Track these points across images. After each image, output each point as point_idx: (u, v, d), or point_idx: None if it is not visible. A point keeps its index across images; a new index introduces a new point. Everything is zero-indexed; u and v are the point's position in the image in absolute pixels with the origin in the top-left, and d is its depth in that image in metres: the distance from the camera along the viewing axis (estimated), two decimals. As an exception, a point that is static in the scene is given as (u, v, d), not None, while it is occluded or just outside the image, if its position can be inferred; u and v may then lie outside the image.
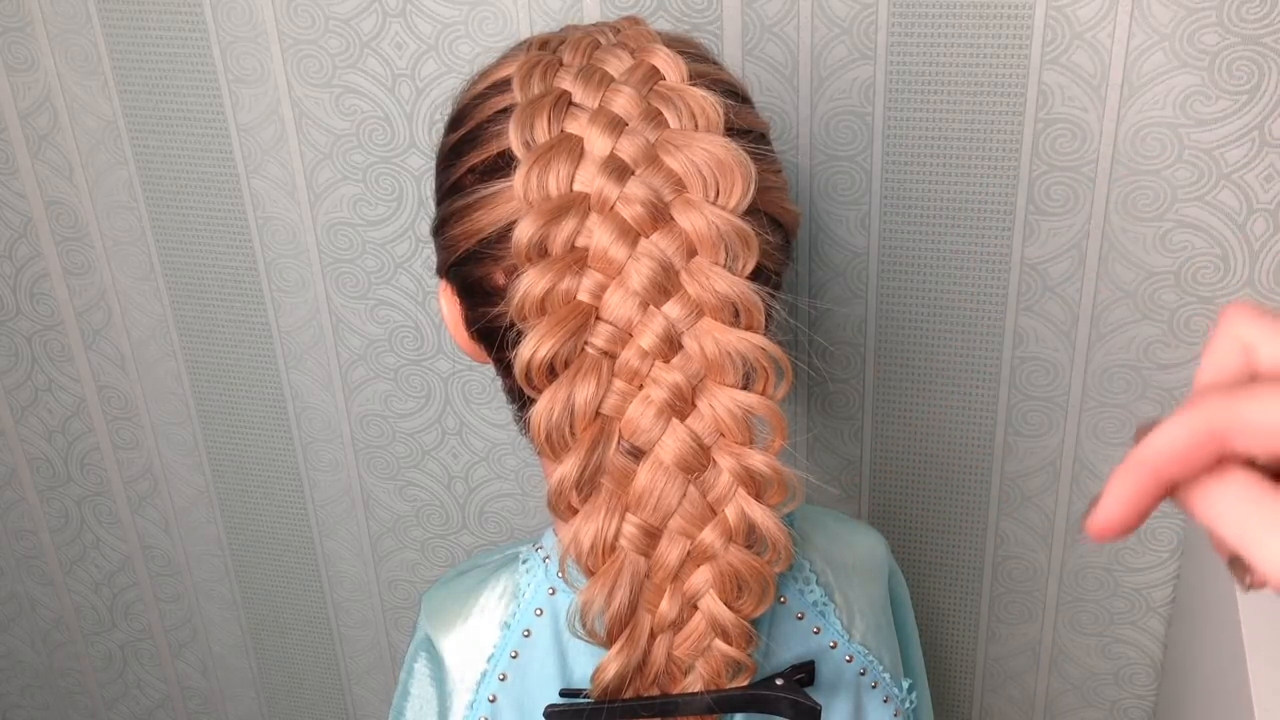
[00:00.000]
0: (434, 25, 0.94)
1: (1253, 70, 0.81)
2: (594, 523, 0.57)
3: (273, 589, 1.25)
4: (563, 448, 0.56)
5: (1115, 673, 1.06)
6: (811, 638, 0.70)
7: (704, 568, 0.58)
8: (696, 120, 0.55)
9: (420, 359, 1.08)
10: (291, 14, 0.96)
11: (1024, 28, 0.84)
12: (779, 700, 0.61)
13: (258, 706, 1.34)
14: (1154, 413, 0.94)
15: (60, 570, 1.32)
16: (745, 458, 0.56)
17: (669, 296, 0.55)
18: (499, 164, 0.58)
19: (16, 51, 1.04)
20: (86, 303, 1.15)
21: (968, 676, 1.10)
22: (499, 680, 0.69)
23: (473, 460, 1.12)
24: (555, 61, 0.58)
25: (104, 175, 1.08)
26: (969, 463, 1.00)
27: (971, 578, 1.05)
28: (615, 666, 0.59)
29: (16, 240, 1.13)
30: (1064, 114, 0.86)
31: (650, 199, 0.54)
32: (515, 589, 0.70)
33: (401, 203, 1.01)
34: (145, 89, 1.03)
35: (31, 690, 1.41)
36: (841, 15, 0.86)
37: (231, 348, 1.13)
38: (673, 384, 0.55)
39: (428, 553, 1.18)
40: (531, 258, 0.55)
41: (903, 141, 0.89)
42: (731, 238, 0.54)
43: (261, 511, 1.21)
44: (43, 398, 1.21)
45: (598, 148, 0.55)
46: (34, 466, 1.26)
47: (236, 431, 1.17)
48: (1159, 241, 0.88)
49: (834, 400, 1.00)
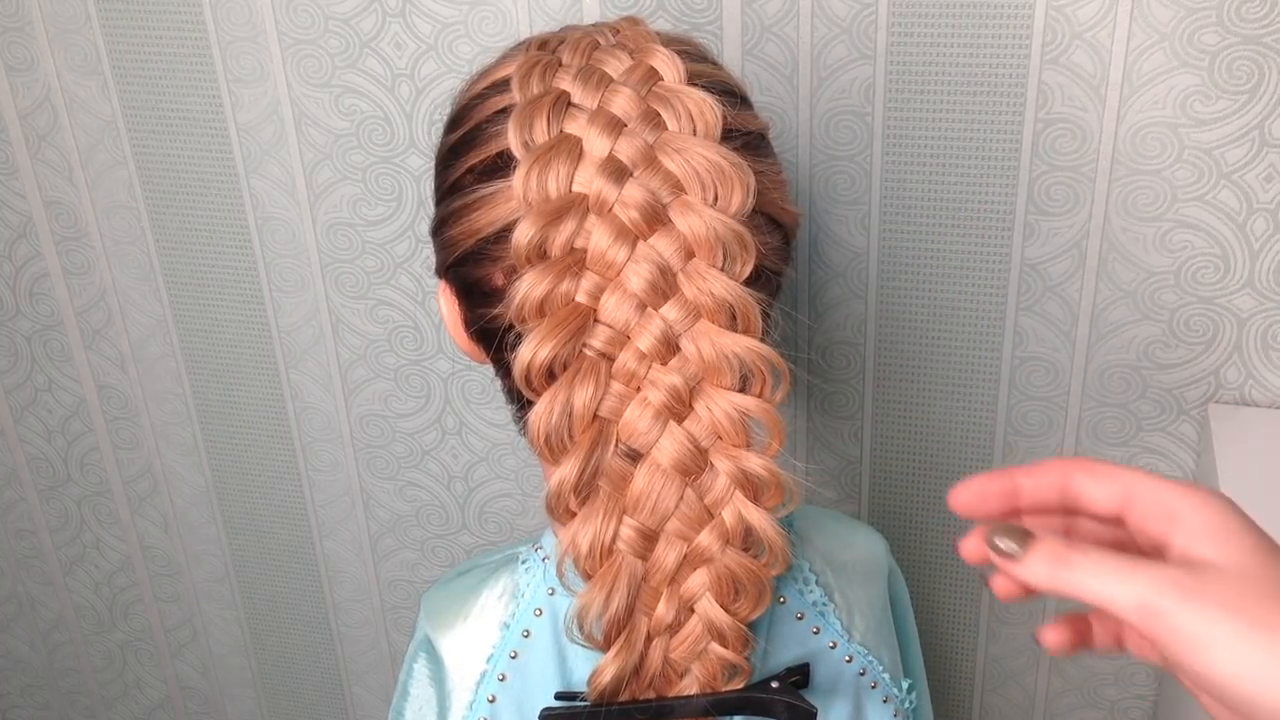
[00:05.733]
0: (433, 25, 0.94)
1: (1253, 70, 0.81)
2: (592, 525, 0.57)
3: (272, 589, 1.26)
4: (561, 450, 0.56)
5: (1115, 673, 1.06)
6: (811, 638, 0.70)
7: (701, 571, 0.58)
8: (695, 121, 0.55)
9: (420, 359, 1.08)
10: (291, 14, 0.96)
11: (1024, 27, 0.84)
12: (774, 703, 0.61)
13: (257, 706, 1.34)
14: (1153, 412, 0.94)
15: (60, 570, 1.32)
16: (742, 461, 0.56)
17: (667, 299, 0.55)
18: (498, 164, 0.58)
19: (16, 51, 1.04)
20: (86, 302, 1.15)
21: (968, 676, 1.10)
22: (498, 680, 0.69)
23: (472, 460, 1.12)
24: (554, 62, 0.58)
25: (103, 175, 1.08)
26: (969, 463, 1.00)
27: (971, 578, 1.05)
28: (612, 669, 0.59)
29: (16, 240, 1.13)
30: (1064, 114, 0.86)
31: (648, 201, 0.54)
32: (515, 590, 0.70)
33: (401, 203, 1.01)
34: (145, 89, 1.03)
35: (31, 690, 1.41)
36: (841, 15, 0.86)
37: (231, 347, 1.13)
38: (670, 386, 0.55)
39: (427, 553, 1.18)
40: (531, 259, 0.55)
41: (902, 141, 0.89)
42: (729, 241, 0.54)
43: (261, 511, 1.21)
44: (42, 398, 1.21)
45: (596, 148, 0.55)
46: (34, 466, 1.26)
47: (236, 431, 1.17)
48: (1159, 241, 0.88)
49: (834, 400, 1.00)
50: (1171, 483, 0.46)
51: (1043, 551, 0.45)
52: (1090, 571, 0.43)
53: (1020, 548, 0.45)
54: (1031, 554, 0.45)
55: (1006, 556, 0.45)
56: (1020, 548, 0.45)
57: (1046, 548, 0.45)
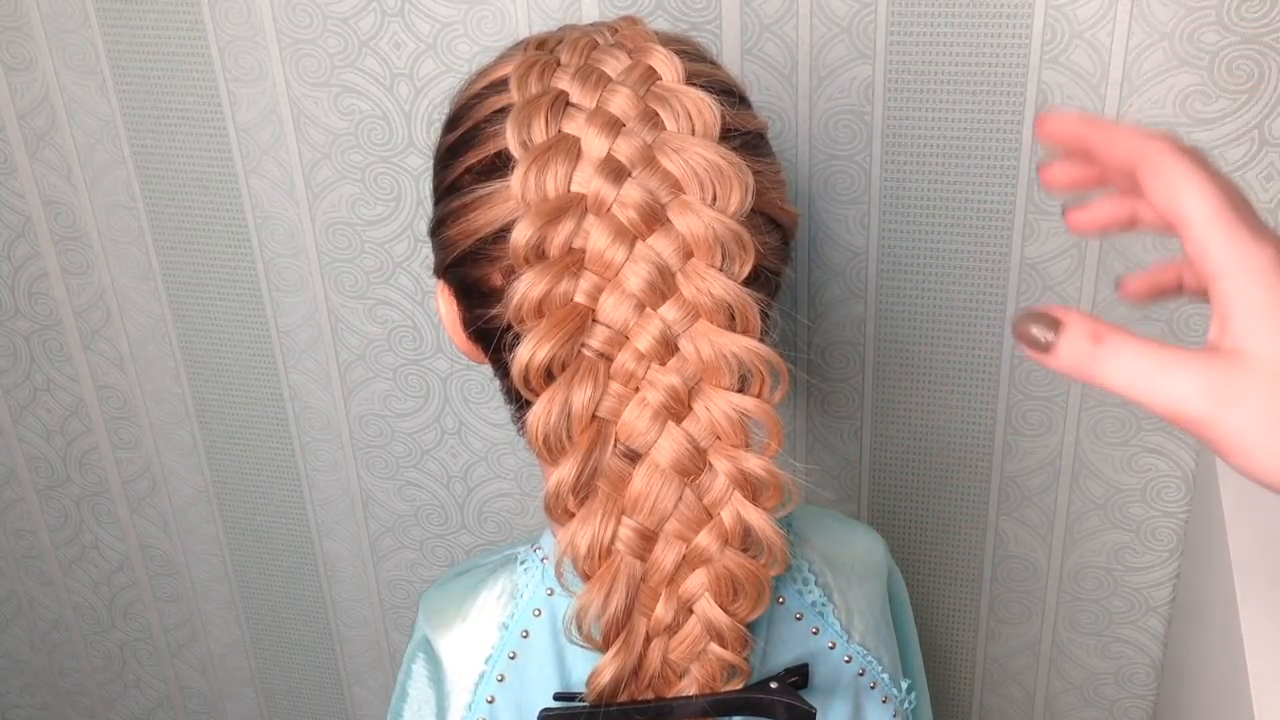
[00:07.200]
0: (432, 25, 0.93)
1: (1252, 69, 0.81)
2: (590, 526, 0.57)
3: (272, 589, 1.25)
4: (560, 451, 0.56)
5: (1115, 673, 1.06)
6: (810, 638, 0.70)
7: (700, 571, 0.58)
8: (693, 121, 0.55)
9: (419, 359, 1.08)
10: (290, 13, 0.96)
11: (1023, 27, 0.84)
12: (774, 703, 0.61)
13: (257, 706, 1.34)
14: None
15: (59, 570, 1.32)
16: (741, 461, 0.56)
17: (665, 299, 0.55)
18: (496, 164, 0.58)
19: (14, 51, 1.04)
20: (85, 302, 1.15)
21: (968, 676, 1.10)
22: (497, 681, 0.69)
23: (472, 460, 1.12)
24: (553, 61, 0.58)
25: (102, 175, 1.08)
26: (969, 462, 1.00)
27: (971, 578, 1.05)
28: (611, 670, 0.59)
29: (15, 240, 1.13)
30: (1064, 113, 0.86)
31: (647, 201, 0.54)
32: (513, 590, 0.70)
33: (400, 202, 1.01)
34: (143, 88, 1.03)
35: (31, 690, 1.41)
36: (840, 14, 0.86)
37: (230, 347, 1.13)
38: (669, 387, 0.55)
39: (426, 552, 1.18)
40: (529, 259, 0.55)
41: (902, 141, 0.89)
42: (728, 241, 0.54)
43: (261, 511, 1.21)
44: (41, 397, 1.21)
45: (595, 148, 0.55)
46: (33, 466, 1.25)
47: (235, 431, 1.17)
48: (1158, 241, 0.88)
49: (833, 400, 1.00)
50: (1228, 247, 0.44)
51: (1071, 340, 0.45)
52: (1119, 367, 0.44)
53: (1052, 335, 0.45)
54: (1061, 342, 0.45)
55: (1036, 345, 0.46)
56: (1052, 335, 0.45)
57: (1075, 339, 0.45)
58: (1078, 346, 0.45)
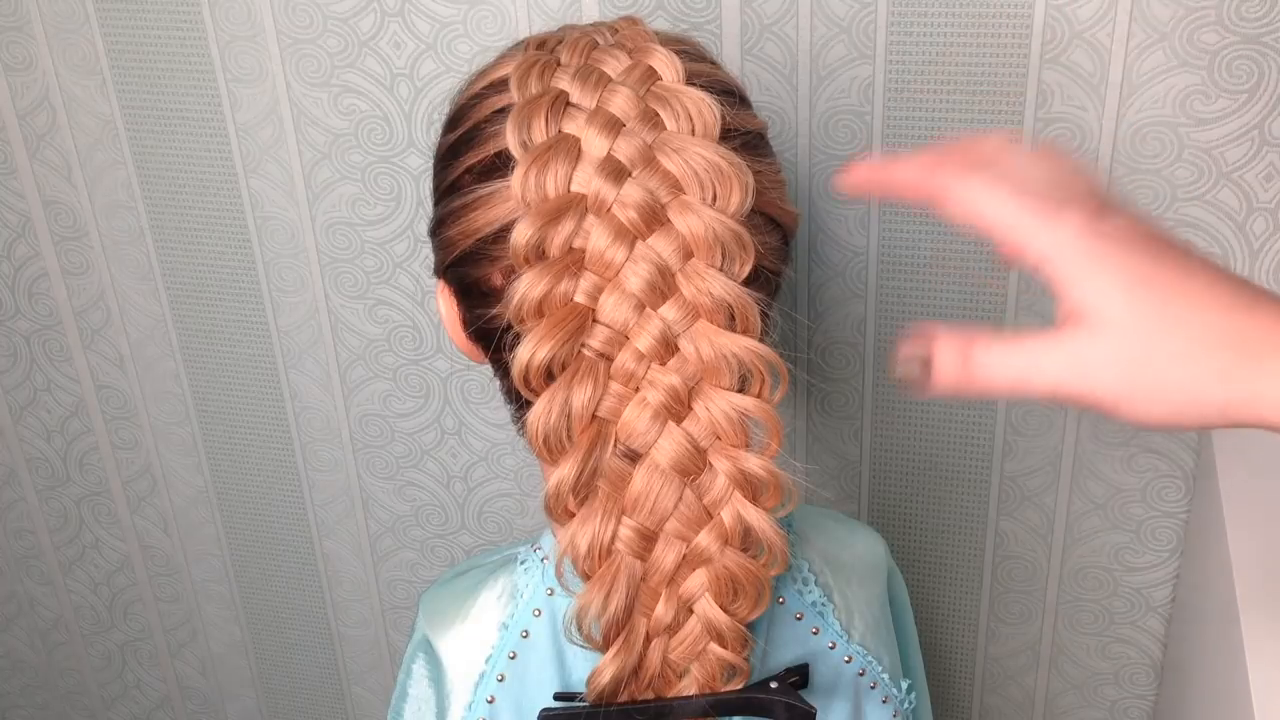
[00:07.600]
0: (432, 25, 0.93)
1: (1252, 69, 0.81)
2: (590, 526, 0.57)
3: (272, 589, 1.25)
4: (560, 451, 0.56)
5: (1115, 672, 1.06)
6: (810, 638, 0.70)
7: (700, 571, 0.58)
8: (693, 121, 0.55)
9: (419, 359, 1.08)
10: (290, 13, 0.96)
11: (1023, 27, 0.84)
12: (774, 703, 0.61)
13: (257, 706, 1.34)
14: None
15: (59, 570, 1.32)
16: (741, 461, 0.56)
17: (665, 299, 0.55)
18: (496, 164, 0.58)
19: (14, 51, 1.04)
20: (85, 302, 1.15)
21: (968, 676, 1.10)
22: (497, 681, 0.69)
23: (472, 460, 1.12)
24: (553, 61, 0.58)
25: (102, 175, 1.08)
26: (969, 463, 1.00)
27: (971, 578, 1.05)
28: (611, 670, 0.59)
29: (15, 240, 1.13)
30: (1063, 113, 0.86)
31: (647, 201, 0.54)
32: (513, 590, 0.70)
33: (400, 202, 1.01)
34: (143, 88, 1.03)
35: (31, 690, 1.41)
36: (841, 14, 0.86)
37: (230, 347, 1.13)
38: (669, 387, 0.55)
39: (427, 553, 1.18)
40: (529, 259, 0.55)
41: (902, 141, 0.89)
42: (728, 240, 0.54)
43: (261, 511, 1.21)
44: (41, 398, 1.21)
45: (595, 148, 0.55)
46: (33, 466, 1.26)
47: (235, 431, 1.17)
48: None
49: (833, 400, 1.00)
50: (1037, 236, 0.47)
51: (943, 362, 0.47)
52: (995, 370, 0.46)
53: (925, 364, 0.48)
54: (935, 367, 0.47)
55: (916, 379, 0.48)
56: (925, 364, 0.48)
57: (946, 359, 0.47)
58: (951, 365, 0.47)
